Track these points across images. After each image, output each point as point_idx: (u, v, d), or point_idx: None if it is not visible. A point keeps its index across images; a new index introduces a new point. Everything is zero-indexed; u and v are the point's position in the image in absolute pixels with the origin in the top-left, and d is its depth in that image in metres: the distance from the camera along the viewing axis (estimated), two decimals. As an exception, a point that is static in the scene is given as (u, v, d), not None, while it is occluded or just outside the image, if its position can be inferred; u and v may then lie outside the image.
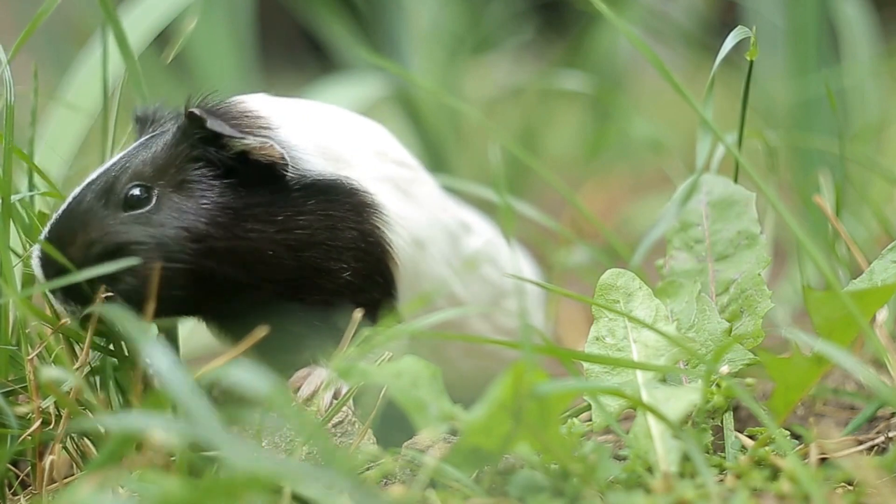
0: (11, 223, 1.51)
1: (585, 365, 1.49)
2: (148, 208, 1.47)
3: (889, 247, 1.50)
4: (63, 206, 1.49)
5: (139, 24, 1.91)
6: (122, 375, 1.54)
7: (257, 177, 1.49)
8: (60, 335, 1.50)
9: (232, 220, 1.47)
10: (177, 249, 1.45)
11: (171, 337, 1.59)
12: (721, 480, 1.37)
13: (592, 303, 1.51)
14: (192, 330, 1.80)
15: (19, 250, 1.56)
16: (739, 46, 1.66)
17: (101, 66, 1.72)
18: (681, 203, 1.64)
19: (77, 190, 1.50)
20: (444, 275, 1.64)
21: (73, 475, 1.49)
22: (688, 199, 1.64)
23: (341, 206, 1.52)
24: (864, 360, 1.75)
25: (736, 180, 1.66)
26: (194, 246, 1.45)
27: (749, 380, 1.53)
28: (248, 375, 1.19)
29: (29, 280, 1.54)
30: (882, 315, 1.45)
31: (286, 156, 1.49)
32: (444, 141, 1.65)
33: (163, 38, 1.93)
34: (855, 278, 1.52)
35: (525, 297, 1.78)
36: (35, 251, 1.48)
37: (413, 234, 1.58)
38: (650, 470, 1.35)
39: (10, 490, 1.50)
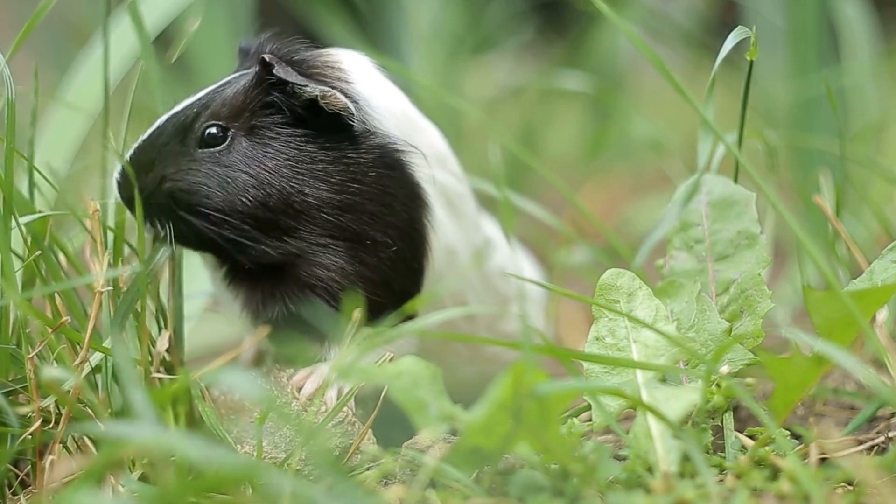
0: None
1: (585, 365, 1.49)
2: (220, 148, 1.52)
3: (889, 247, 1.50)
4: (146, 134, 1.55)
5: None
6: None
7: (327, 127, 1.52)
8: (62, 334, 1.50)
9: (294, 171, 1.51)
10: (238, 194, 1.50)
11: (177, 336, 1.59)
12: (721, 480, 1.37)
13: (592, 303, 1.51)
14: (193, 330, 1.80)
15: (20, 251, 1.56)
16: (739, 46, 1.66)
17: (102, 65, 1.72)
18: (682, 203, 1.63)
19: (161, 119, 1.55)
20: (462, 290, 1.65)
21: (73, 475, 1.49)
22: (689, 199, 1.63)
23: (399, 188, 1.54)
24: (864, 360, 1.75)
25: (736, 180, 1.66)
26: (255, 192, 1.50)
27: (749, 380, 1.52)
28: (242, 380, 1.19)
29: (30, 280, 1.54)
30: (882, 315, 1.45)
31: (351, 106, 1.51)
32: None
33: (162, 39, 1.93)
34: (855, 278, 1.52)
35: (526, 300, 1.79)
36: (116, 171, 1.55)
37: (448, 245, 1.60)
38: (650, 470, 1.35)
39: (10, 490, 1.50)
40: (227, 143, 1.52)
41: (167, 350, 1.54)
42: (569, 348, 2.08)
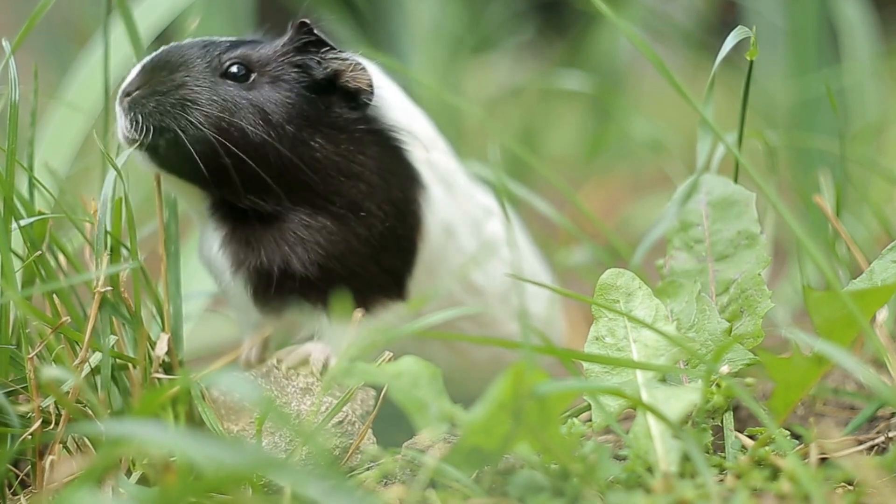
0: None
1: (585, 365, 1.49)
2: (243, 85, 1.55)
3: (889, 247, 1.50)
4: (171, 45, 1.58)
5: (139, 24, 1.91)
6: (122, 374, 1.54)
7: (340, 103, 1.57)
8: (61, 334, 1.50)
9: (306, 125, 1.55)
10: (251, 127, 1.52)
11: (175, 337, 1.59)
12: (721, 480, 1.37)
13: (592, 302, 1.51)
14: (193, 330, 1.80)
15: (20, 251, 1.56)
16: (739, 46, 1.66)
17: (102, 65, 1.72)
18: (681, 203, 1.64)
19: (186, 41, 1.59)
20: (465, 263, 1.68)
21: (73, 475, 1.49)
22: (688, 199, 1.64)
23: (398, 167, 1.59)
24: (864, 360, 1.75)
25: (736, 180, 1.66)
26: (266, 129, 1.53)
27: (749, 380, 1.52)
28: (241, 381, 1.19)
29: (29, 279, 1.54)
30: (882, 315, 1.45)
31: (373, 84, 1.57)
32: (445, 140, 1.67)
33: (161, 39, 1.93)
34: (855, 278, 1.52)
35: (524, 295, 1.79)
36: (135, 70, 1.56)
37: (445, 222, 1.63)
38: (650, 470, 1.35)
39: (10, 490, 1.50)
40: (248, 82, 1.55)
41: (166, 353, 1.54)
42: (569, 348, 2.08)
